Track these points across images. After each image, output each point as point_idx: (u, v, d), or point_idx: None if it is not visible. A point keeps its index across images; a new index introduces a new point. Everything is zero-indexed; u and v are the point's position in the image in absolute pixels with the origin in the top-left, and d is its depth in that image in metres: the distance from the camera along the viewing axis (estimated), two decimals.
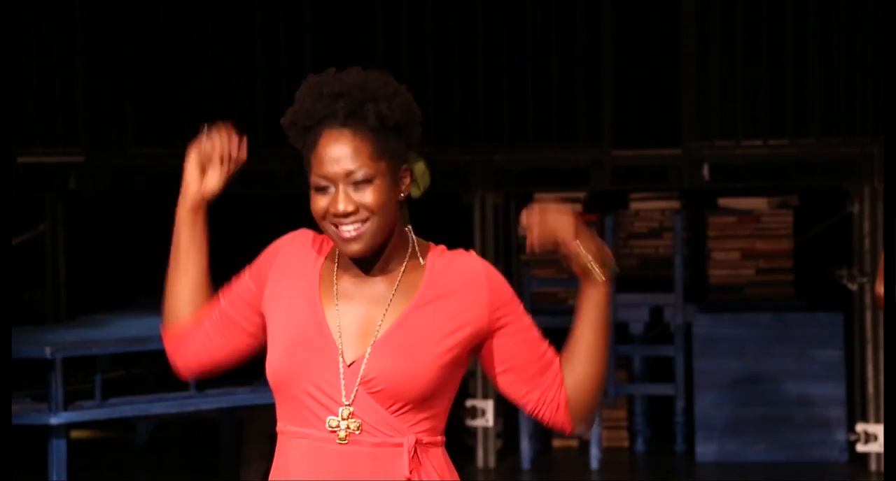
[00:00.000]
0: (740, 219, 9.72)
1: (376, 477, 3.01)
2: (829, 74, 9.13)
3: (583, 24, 9.22)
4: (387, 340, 3.01)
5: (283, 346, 3.03)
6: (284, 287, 3.09)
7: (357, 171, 2.99)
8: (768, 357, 9.34)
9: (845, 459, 9.23)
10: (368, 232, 2.99)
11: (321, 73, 3.08)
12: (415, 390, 3.00)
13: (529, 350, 3.08)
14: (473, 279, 3.06)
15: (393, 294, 3.04)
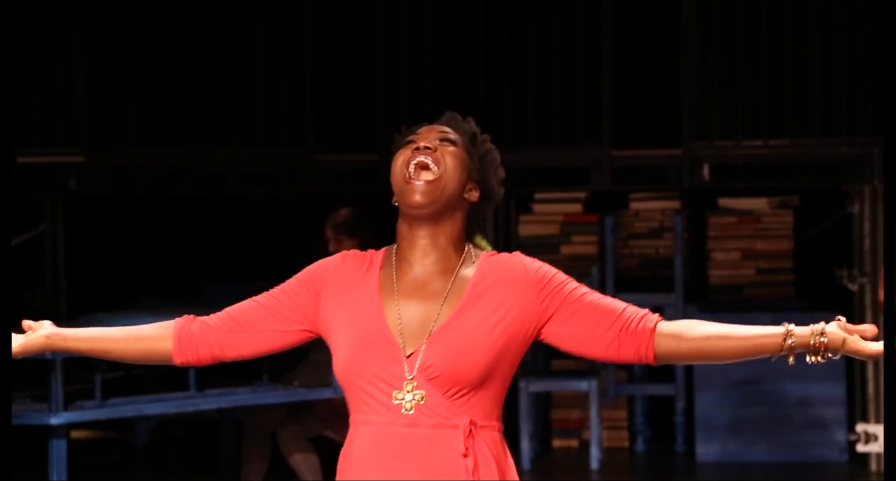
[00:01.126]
0: (740, 219, 9.72)
1: (434, 456, 3.28)
2: (829, 75, 9.12)
3: (583, 24, 9.20)
4: (442, 332, 3.31)
5: (348, 346, 3.34)
6: (345, 297, 3.40)
7: (448, 133, 3.42)
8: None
9: (845, 459, 9.25)
10: (437, 185, 3.35)
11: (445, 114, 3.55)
12: (468, 376, 3.29)
13: (594, 317, 3.37)
14: (519, 272, 3.38)
15: (447, 291, 3.35)
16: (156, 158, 9.41)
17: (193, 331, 3.50)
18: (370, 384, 3.32)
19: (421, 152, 3.37)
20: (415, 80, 9.28)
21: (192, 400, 6.86)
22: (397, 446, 3.30)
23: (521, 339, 3.37)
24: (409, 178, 3.37)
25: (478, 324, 3.32)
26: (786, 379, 9.29)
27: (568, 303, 3.37)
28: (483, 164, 3.46)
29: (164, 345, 3.49)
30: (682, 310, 9.58)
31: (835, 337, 3.39)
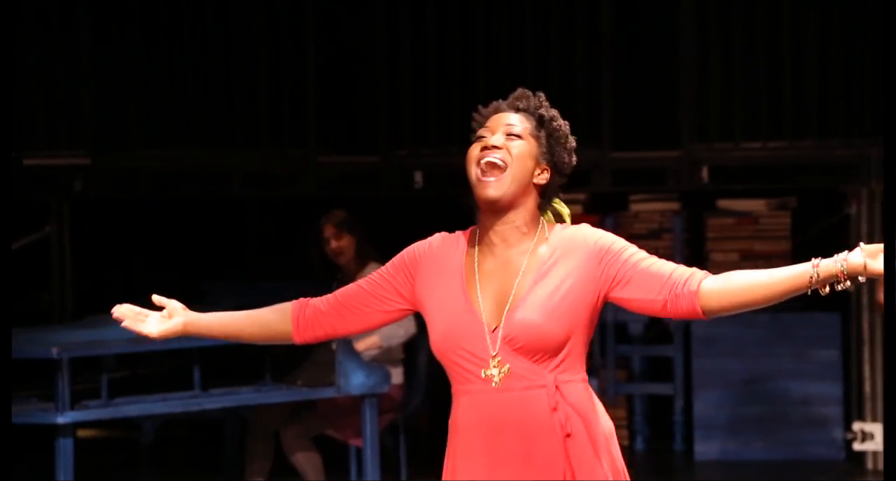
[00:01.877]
0: (739, 220, 9.71)
1: (527, 414, 3.64)
2: (827, 77, 9.12)
3: (582, 27, 9.21)
4: (518, 307, 3.65)
5: (440, 326, 3.71)
6: (435, 279, 3.76)
7: (514, 126, 3.75)
8: (766, 357, 9.35)
9: (842, 457, 9.25)
10: (505, 180, 3.69)
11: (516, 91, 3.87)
12: (546, 343, 3.64)
13: (652, 279, 3.68)
14: (582, 244, 3.72)
15: (524, 267, 3.70)
16: (160, 160, 9.43)
17: (309, 315, 3.89)
18: (462, 358, 3.68)
19: (490, 151, 3.71)
20: (415, 83, 9.30)
21: (197, 400, 6.86)
22: (494, 409, 3.66)
23: (589, 304, 3.71)
24: (480, 177, 3.71)
25: (549, 296, 3.66)
26: (784, 379, 9.31)
27: (624, 271, 3.70)
28: (551, 143, 3.80)
29: (285, 328, 3.91)
30: None
31: (855, 262, 3.57)
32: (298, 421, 7.60)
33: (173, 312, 4.01)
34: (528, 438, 3.66)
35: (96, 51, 9.35)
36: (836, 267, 3.59)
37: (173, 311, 4.01)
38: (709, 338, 9.40)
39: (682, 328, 9.59)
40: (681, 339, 9.63)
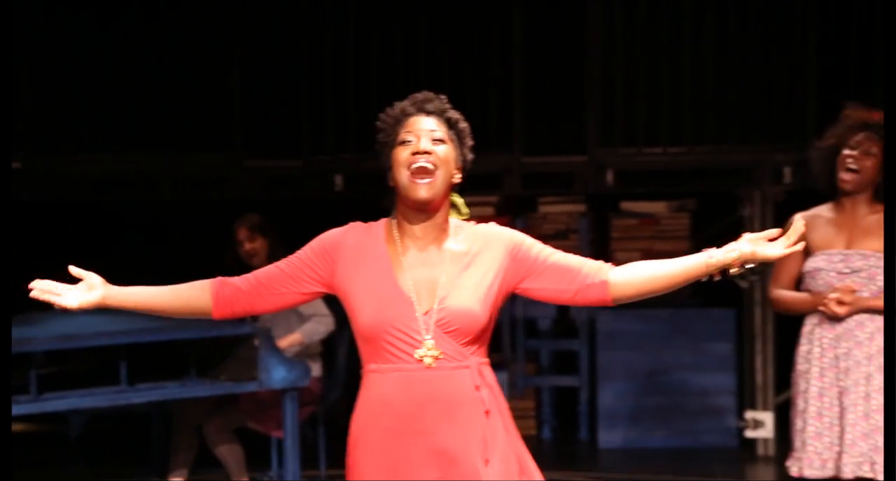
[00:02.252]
0: (641, 221, 9.76)
1: (453, 390, 3.80)
2: (725, 86, 9.19)
3: (495, 39, 9.25)
4: (449, 294, 3.81)
5: (370, 308, 3.81)
6: (358, 265, 3.86)
7: (437, 131, 3.85)
8: (666, 350, 9.42)
9: (736, 444, 9.30)
10: (436, 181, 3.80)
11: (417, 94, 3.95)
12: (474, 327, 3.81)
13: (562, 271, 3.90)
14: (497, 237, 3.91)
15: (447, 258, 3.85)
16: (90, 164, 9.32)
17: (228, 293, 3.95)
18: (395, 338, 3.79)
19: (420, 156, 3.81)
20: (336, 91, 9.27)
21: (124, 394, 6.82)
22: (424, 385, 3.79)
23: (504, 294, 3.89)
24: (412, 179, 3.81)
25: (476, 286, 3.83)
26: (682, 371, 9.37)
27: (535, 264, 3.89)
28: (461, 144, 3.93)
29: (205, 304, 3.95)
30: (586, 308, 9.58)
31: (746, 249, 3.85)
32: (221, 415, 7.57)
33: (92, 285, 3.98)
34: (453, 412, 3.80)
35: (27, 59, 9.23)
36: (729, 256, 3.85)
37: (92, 284, 3.99)
38: (612, 332, 9.45)
39: (587, 323, 9.65)
40: (586, 334, 9.70)
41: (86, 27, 9.28)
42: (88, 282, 3.99)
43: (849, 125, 5.69)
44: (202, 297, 3.97)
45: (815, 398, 5.61)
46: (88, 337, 6.81)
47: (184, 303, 3.98)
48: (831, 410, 5.59)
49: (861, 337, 5.60)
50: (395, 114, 3.90)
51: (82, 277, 4.01)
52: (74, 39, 9.28)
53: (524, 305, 9.62)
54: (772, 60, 9.14)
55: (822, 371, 5.62)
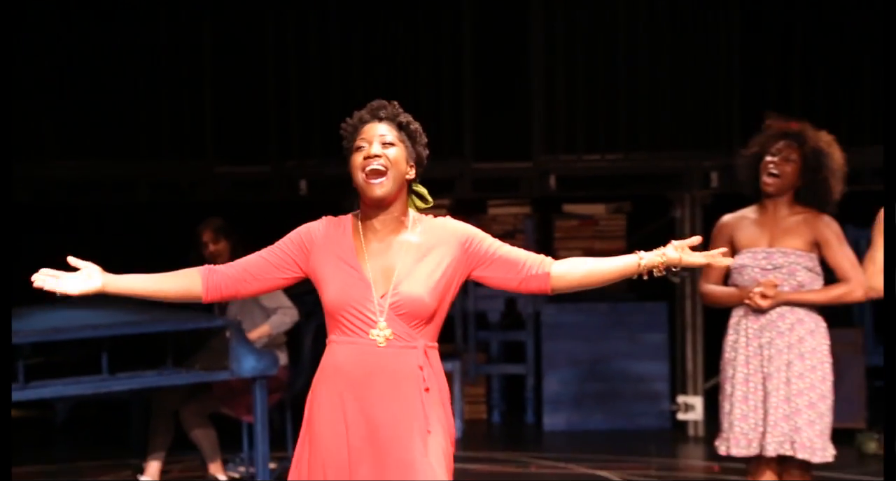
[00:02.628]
0: (581, 222, 9.78)
1: (399, 366, 3.92)
2: (657, 99, 9.24)
3: (448, 57, 9.27)
4: (404, 281, 3.93)
5: (334, 288, 3.95)
6: (328, 252, 4.00)
7: (387, 136, 3.96)
8: (605, 340, 9.43)
9: (668, 426, 9.35)
10: (387, 181, 3.92)
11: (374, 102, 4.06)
12: (424, 312, 3.93)
13: (509, 262, 4.01)
14: (452, 230, 4.02)
15: (404, 248, 3.96)
16: (72, 170, 9.29)
17: (217, 279, 4.06)
18: (352, 316, 3.93)
19: (372, 159, 3.94)
20: (301, 101, 9.26)
21: (105, 383, 6.76)
22: (374, 360, 3.92)
23: (456, 282, 4.00)
24: (366, 180, 3.93)
25: (429, 275, 3.94)
26: (619, 359, 9.40)
27: (486, 255, 4.01)
28: (413, 143, 4.01)
29: (195, 290, 4.06)
30: (532, 301, 9.63)
31: (672, 255, 3.98)
32: (196, 401, 7.54)
33: (91, 273, 4.06)
34: (397, 385, 3.93)
35: (15, 72, 9.17)
36: (656, 259, 3.99)
37: (91, 272, 4.06)
38: (556, 324, 9.47)
39: (533, 316, 9.66)
40: (532, 326, 9.70)
41: (72, 48, 9.24)
42: (87, 270, 4.07)
43: (770, 134, 5.73)
44: (193, 284, 4.07)
45: (741, 383, 5.62)
46: (72, 329, 6.76)
47: (177, 290, 4.07)
48: (756, 394, 5.60)
49: (782, 327, 5.63)
50: (353, 122, 4.03)
51: (80, 267, 4.08)
52: (60, 57, 9.24)
53: (475, 300, 9.64)
54: (700, 75, 9.20)
55: (747, 358, 5.62)
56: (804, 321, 5.61)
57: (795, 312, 5.60)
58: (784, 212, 5.69)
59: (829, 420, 5.59)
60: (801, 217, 5.66)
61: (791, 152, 5.64)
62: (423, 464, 3.91)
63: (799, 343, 5.60)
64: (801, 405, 5.56)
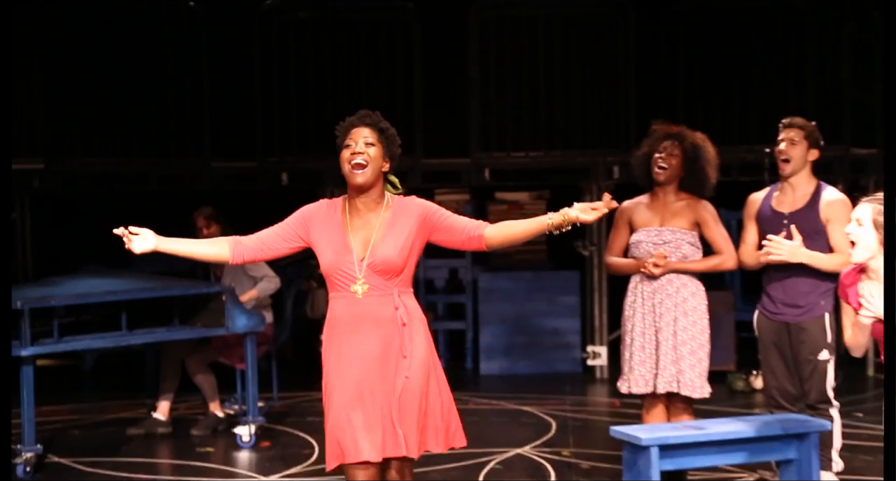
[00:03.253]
0: (510, 206, 9.80)
1: (380, 311, 4.17)
2: (570, 106, 9.27)
3: (402, 73, 9.25)
4: (378, 245, 4.18)
5: (328, 255, 4.21)
6: (323, 227, 4.25)
7: (369, 137, 4.24)
8: (529, 302, 9.46)
9: (580, 370, 9.39)
10: (367, 172, 4.18)
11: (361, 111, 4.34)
12: (395, 267, 4.17)
13: (455, 226, 4.26)
14: (414, 205, 4.26)
15: (378, 223, 4.21)
16: (99, 165, 9.24)
17: (240, 248, 4.31)
18: (341, 275, 4.19)
19: (356, 155, 4.19)
20: (282, 108, 9.24)
21: (124, 337, 6.76)
22: (358, 309, 4.18)
23: (419, 243, 4.25)
24: (352, 171, 4.19)
25: (397, 238, 4.19)
26: (541, 317, 9.44)
27: (439, 222, 4.25)
28: (389, 144, 4.27)
29: (224, 255, 4.31)
30: (471, 270, 9.68)
31: (571, 213, 4.22)
32: (198, 352, 7.52)
33: (147, 236, 4.27)
34: (381, 325, 4.16)
35: (48, 81, 9.13)
36: (560, 218, 4.23)
37: (147, 236, 4.28)
38: (490, 289, 9.49)
39: (471, 282, 9.68)
40: (471, 290, 9.73)
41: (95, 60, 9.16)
42: (144, 234, 4.28)
43: (656, 137, 5.79)
44: (223, 251, 4.31)
45: (638, 335, 5.68)
46: (97, 294, 6.76)
47: (211, 254, 4.34)
48: (650, 344, 5.66)
49: (670, 290, 5.68)
50: (344, 125, 4.30)
51: (139, 232, 4.29)
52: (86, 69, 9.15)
53: (425, 269, 9.67)
54: (604, 89, 9.26)
55: (643, 316, 5.69)
56: (687, 285, 5.68)
57: (680, 278, 5.68)
58: (671, 198, 5.75)
59: (706, 364, 5.67)
60: (685, 202, 5.74)
61: (674, 148, 5.70)
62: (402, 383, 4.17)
63: (683, 303, 5.67)
64: (685, 352, 5.63)
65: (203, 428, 7.47)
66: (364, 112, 4.32)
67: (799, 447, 5.34)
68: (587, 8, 9.15)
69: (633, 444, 5.21)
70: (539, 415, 7.83)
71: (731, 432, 5.28)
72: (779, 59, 9.19)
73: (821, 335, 5.55)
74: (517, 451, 6.82)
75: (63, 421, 7.88)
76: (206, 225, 7.61)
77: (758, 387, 8.39)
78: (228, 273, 7.45)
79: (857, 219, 4.48)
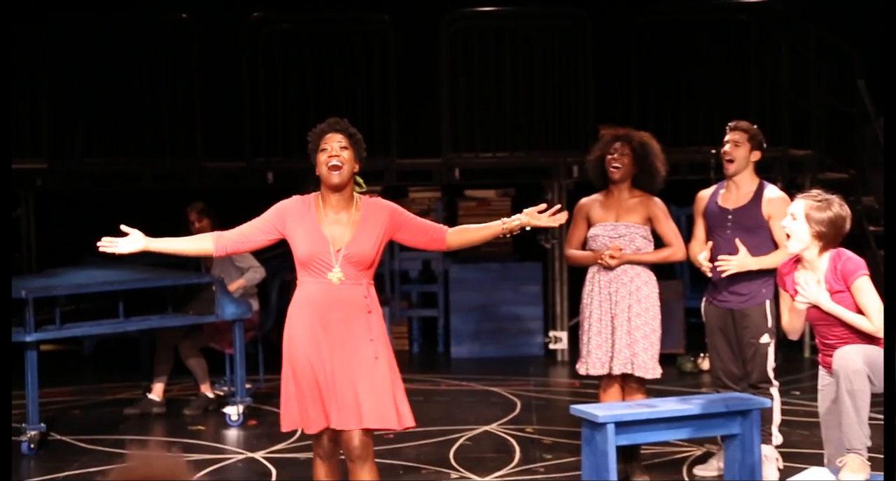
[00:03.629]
0: (478, 203, 9.82)
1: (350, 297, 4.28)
2: (533, 111, 9.29)
3: (379, 80, 9.25)
4: (352, 241, 4.29)
5: (304, 246, 4.29)
6: (299, 221, 4.32)
7: (342, 141, 4.35)
8: (495, 291, 9.47)
9: (542, 354, 9.37)
10: (343, 173, 4.29)
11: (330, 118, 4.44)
12: (368, 259, 4.30)
13: (419, 228, 4.43)
14: (382, 207, 4.41)
15: (350, 219, 4.31)
16: (98, 165, 9.18)
17: (223, 242, 4.37)
18: (317, 263, 4.26)
19: (332, 157, 4.30)
20: (268, 111, 9.21)
21: (122, 324, 6.74)
22: (332, 293, 4.27)
23: (386, 240, 4.38)
24: (329, 172, 4.28)
25: (369, 235, 4.30)
26: (506, 305, 9.46)
27: (404, 223, 4.39)
28: (358, 147, 4.36)
29: (208, 249, 4.40)
30: (442, 262, 9.68)
31: (523, 218, 4.42)
32: (190, 338, 7.51)
33: (137, 237, 4.40)
34: (350, 311, 4.27)
35: (51, 88, 9.07)
36: (514, 222, 4.39)
37: (136, 237, 4.40)
38: (460, 279, 9.50)
39: (443, 273, 9.69)
40: (443, 280, 9.73)
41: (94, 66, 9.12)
42: (133, 236, 4.40)
43: (606, 140, 5.81)
44: (206, 245, 4.39)
45: (595, 321, 5.70)
46: (96, 284, 6.73)
47: (195, 249, 4.43)
48: (606, 329, 5.68)
49: (625, 280, 5.70)
50: (317, 131, 4.39)
51: (129, 233, 4.40)
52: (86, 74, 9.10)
53: (400, 261, 9.67)
54: (564, 93, 9.28)
55: (599, 303, 5.70)
56: (641, 275, 5.71)
57: (634, 269, 5.70)
58: (625, 195, 5.77)
59: (657, 347, 5.70)
60: (638, 199, 5.75)
61: (624, 148, 5.72)
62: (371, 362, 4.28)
63: (637, 291, 5.69)
64: (638, 337, 5.66)
65: (195, 408, 7.45)
66: (334, 119, 4.43)
67: (742, 423, 5.37)
68: (549, 20, 9.17)
69: (591, 421, 5.24)
70: (505, 395, 7.84)
71: (680, 410, 5.30)
72: (724, 66, 9.23)
73: (762, 320, 5.59)
74: (485, 428, 6.83)
75: (64, 402, 7.84)
76: (197, 218, 7.59)
77: (705, 369, 8.42)
78: (217, 264, 7.43)
79: (792, 213, 4.52)
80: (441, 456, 6.19)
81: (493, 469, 5.92)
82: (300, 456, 6.23)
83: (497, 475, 5.81)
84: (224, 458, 6.28)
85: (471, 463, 6.05)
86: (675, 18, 9.21)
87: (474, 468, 5.94)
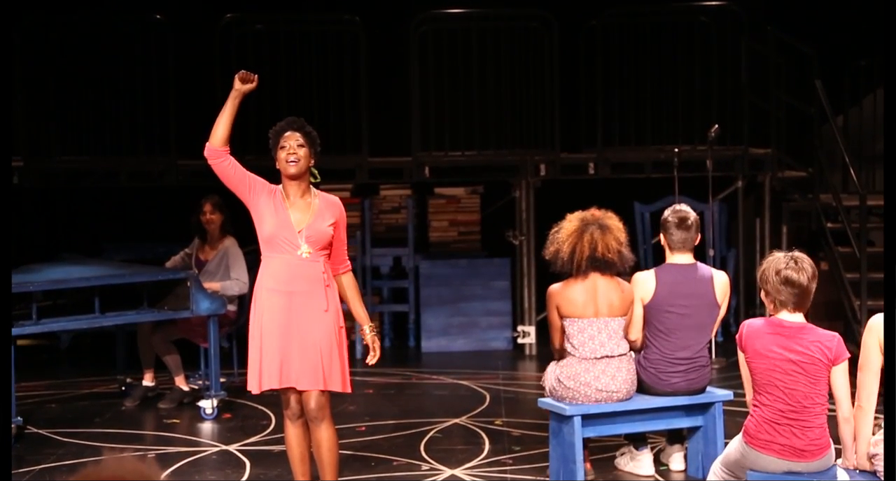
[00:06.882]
0: (448, 201, 9.83)
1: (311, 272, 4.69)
2: (502, 111, 9.31)
3: (350, 82, 9.24)
4: (311, 225, 4.71)
5: (271, 224, 4.68)
6: (267, 202, 4.71)
7: (300, 139, 4.77)
8: (465, 286, 9.48)
9: (511, 348, 9.41)
10: (299, 166, 4.72)
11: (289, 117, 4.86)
12: (326, 240, 4.72)
13: (337, 247, 4.81)
14: (338, 207, 4.82)
15: (310, 207, 4.74)
16: (71, 163, 9.12)
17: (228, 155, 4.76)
18: (283, 241, 4.67)
19: (290, 153, 4.73)
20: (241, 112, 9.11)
21: (98, 319, 6.68)
22: (298, 267, 4.68)
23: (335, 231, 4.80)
24: (287, 166, 4.72)
25: (324, 220, 4.73)
26: (476, 300, 9.47)
27: (337, 231, 4.81)
28: (313, 143, 4.78)
29: (223, 147, 4.77)
30: (412, 258, 9.67)
31: (369, 337, 4.87)
32: (164, 331, 7.47)
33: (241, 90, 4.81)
34: (310, 282, 4.68)
35: (28, 87, 9.00)
36: (367, 334, 4.96)
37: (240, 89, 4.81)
38: (430, 275, 9.50)
39: (413, 269, 9.68)
40: (413, 276, 9.72)
41: (70, 67, 9.06)
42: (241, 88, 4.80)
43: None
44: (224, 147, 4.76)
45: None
46: (73, 280, 6.67)
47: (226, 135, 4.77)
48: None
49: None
50: (277, 130, 4.82)
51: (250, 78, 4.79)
52: (61, 74, 9.06)
53: (371, 257, 9.65)
54: (531, 92, 9.31)
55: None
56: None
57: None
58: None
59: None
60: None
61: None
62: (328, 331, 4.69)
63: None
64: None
65: (169, 401, 7.41)
66: (292, 118, 4.84)
67: (705, 416, 5.40)
68: (515, 21, 9.19)
69: (558, 414, 5.26)
70: (475, 388, 7.85)
71: (645, 402, 5.32)
72: (686, 67, 9.28)
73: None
74: (455, 421, 6.83)
75: (41, 396, 7.78)
76: (211, 211, 7.55)
77: None
78: (215, 261, 7.43)
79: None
80: (412, 448, 6.19)
81: (462, 460, 5.93)
82: (274, 449, 6.21)
83: (467, 466, 5.82)
84: (198, 451, 6.25)
85: (441, 454, 6.06)
86: (639, 20, 9.26)
87: (445, 460, 5.94)
